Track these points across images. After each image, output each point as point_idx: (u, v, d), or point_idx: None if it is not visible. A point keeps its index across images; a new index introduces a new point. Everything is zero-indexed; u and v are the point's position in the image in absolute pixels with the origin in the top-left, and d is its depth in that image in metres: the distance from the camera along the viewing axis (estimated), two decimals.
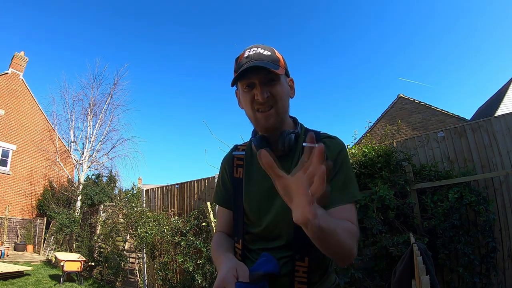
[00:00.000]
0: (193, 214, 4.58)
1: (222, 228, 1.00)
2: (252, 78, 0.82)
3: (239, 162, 0.97)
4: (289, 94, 0.91)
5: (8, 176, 12.62)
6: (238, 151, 1.00)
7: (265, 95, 0.82)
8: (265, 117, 0.84)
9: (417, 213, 2.94)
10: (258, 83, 0.82)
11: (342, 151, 0.86)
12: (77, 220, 9.09)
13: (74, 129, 12.78)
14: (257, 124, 0.87)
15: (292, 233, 0.84)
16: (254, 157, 0.94)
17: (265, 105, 0.83)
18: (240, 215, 0.92)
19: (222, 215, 1.01)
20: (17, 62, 13.61)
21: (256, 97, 0.82)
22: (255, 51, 0.85)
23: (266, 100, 0.82)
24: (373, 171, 3.14)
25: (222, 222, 1.01)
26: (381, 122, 11.44)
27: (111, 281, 6.24)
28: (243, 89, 0.86)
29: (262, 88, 0.82)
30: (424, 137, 3.43)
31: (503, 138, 3.00)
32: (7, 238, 11.57)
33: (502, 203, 2.90)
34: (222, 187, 1.01)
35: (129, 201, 5.76)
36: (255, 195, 0.90)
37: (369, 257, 2.83)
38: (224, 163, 1.02)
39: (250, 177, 0.93)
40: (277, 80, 0.84)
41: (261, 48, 0.86)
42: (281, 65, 0.85)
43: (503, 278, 2.77)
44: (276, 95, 0.83)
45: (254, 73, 0.81)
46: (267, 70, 0.80)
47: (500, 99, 11.73)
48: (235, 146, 1.04)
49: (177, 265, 4.58)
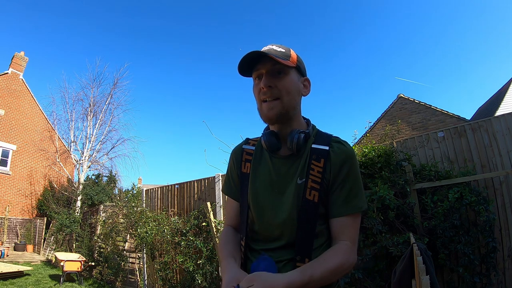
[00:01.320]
0: (193, 214, 4.58)
1: (231, 220, 1.01)
2: (260, 69, 0.84)
3: (248, 157, 0.96)
4: (299, 91, 0.90)
5: (8, 176, 12.62)
6: (248, 145, 1.00)
7: (268, 83, 0.83)
8: (268, 107, 0.85)
9: (417, 213, 2.93)
10: (265, 72, 0.84)
11: (348, 160, 0.85)
12: (77, 220, 9.09)
13: (74, 129, 12.77)
14: (261, 113, 0.88)
15: (294, 234, 0.84)
16: (263, 154, 0.94)
17: (268, 94, 0.84)
18: (245, 211, 0.92)
19: (232, 207, 1.01)
20: (17, 62, 13.60)
21: (261, 86, 0.84)
22: (269, 47, 0.87)
23: (269, 90, 0.83)
24: (373, 171, 3.14)
25: (231, 214, 1.01)
26: (381, 122, 11.43)
27: (111, 281, 6.24)
28: (254, 80, 0.89)
29: (267, 77, 0.83)
30: (424, 137, 3.42)
31: (503, 138, 3.00)
32: (7, 238, 11.57)
33: (502, 203, 2.90)
34: (231, 178, 1.01)
35: (129, 201, 5.75)
36: (259, 193, 0.90)
37: (369, 257, 2.83)
38: (233, 155, 1.02)
39: (256, 174, 0.92)
40: (285, 73, 0.84)
41: (276, 46, 0.87)
42: (292, 60, 0.86)
43: (503, 278, 2.77)
44: (283, 87, 0.84)
45: (262, 63, 0.84)
46: (275, 61, 0.81)
47: (500, 99, 11.73)
48: (247, 139, 1.04)
49: (177, 265, 4.58)
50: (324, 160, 0.85)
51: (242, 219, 0.94)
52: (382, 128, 10.53)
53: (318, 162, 0.85)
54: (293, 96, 0.87)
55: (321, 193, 0.83)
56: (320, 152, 0.86)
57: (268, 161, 0.91)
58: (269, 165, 0.91)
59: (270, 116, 0.85)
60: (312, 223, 0.82)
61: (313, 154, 0.86)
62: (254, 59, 0.84)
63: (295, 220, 0.83)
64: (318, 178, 0.84)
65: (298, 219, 0.83)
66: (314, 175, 0.84)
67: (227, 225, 1.02)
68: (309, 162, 0.85)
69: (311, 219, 0.82)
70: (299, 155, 0.88)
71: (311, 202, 0.82)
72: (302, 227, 0.83)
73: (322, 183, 0.83)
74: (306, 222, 0.83)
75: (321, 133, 0.93)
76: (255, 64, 0.86)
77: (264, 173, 0.91)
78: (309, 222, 0.83)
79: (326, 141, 0.88)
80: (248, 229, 0.92)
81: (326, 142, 0.88)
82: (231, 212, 1.01)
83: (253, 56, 0.83)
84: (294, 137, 0.85)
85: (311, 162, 0.85)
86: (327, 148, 0.86)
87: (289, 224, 0.84)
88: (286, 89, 0.84)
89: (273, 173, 0.89)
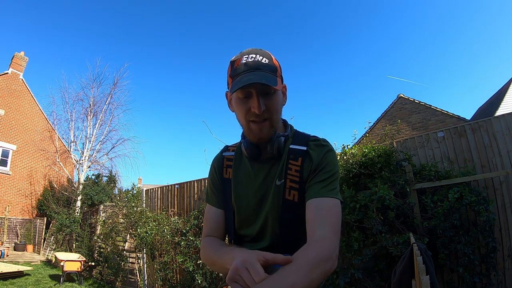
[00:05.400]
0: (193, 214, 4.59)
1: (211, 231, 0.95)
2: (249, 89, 0.81)
3: (228, 163, 0.97)
4: (282, 103, 0.90)
5: (8, 176, 12.62)
6: (228, 151, 1.01)
7: (262, 108, 0.81)
8: (259, 129, 0.84)
9: (417, 213, 2.93)
10: (256, 94, 0.80)
11: (327, 153, 0.86)
12: (77, 220, 9.09)
13: (74, 129, 12.79)
14: (250, 134, 0.86)
15: (278, 235, 0.85)
16: (243, 159, 0.95)
17: (260, 117, 0.82)
18: (231, 215, 0.93)
19: (212, 216, 0.97)
20: (17, 62, 13.61)
21: (252, 109, 0.81)
22: (254, 58, 0.82)
23: (261, 113, 0.81)
24: (373, 171, 3.14)
25: (211, 224, 0.96)
26: (381, 122, 11.43)
27: (111, 281, 6.24)
28: (238, 97, 0.84)
29: (259, 101, 0.80)
30: (424, 137, 3.42)
31: (503, 138, 3.00)
32: (7, 238, 11.57)
33: (502, 203, 2.89)
34: (212, 187, 1.00)
35: (129, 201, 5.75)
36: (242, 197, 0.91)
37: (369, 257, 2.83)
38: (214, 163, 1.03)
39: (238, 178, 0.94)
40: (274, 92, 0.83)
41: (259, 55, 0.83)
42: (278, 75, 0.84)
43: (503, 278, 2.77)
44: (272, 108, 0.83)
45: (252, 84, 0.79)
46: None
47: (500, 99, 11.73)
48: (226, 146, 1.05)
49: (177, 265, 4.58)
50: (301, 158, 0.86)
51: (228, 223, 0.94)
52: (382, 128, 10.53)
53: (295, 161, 0.86)
54: (279, 112, 0.88)
55: (300, 192, 0.84)
56: (298, 152, 0.87)
57: (248, 166, 0.93)
58: (249, 170, 0.92)
59: (263, 137, 0.85)
60: (295, 222, 0.84)
61: (291, 154, 0.87)
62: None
63: (277, 221, 0.85)
64: (296, 177, 0.85)
65: (280, 220, 0.84)
66: (292, 174, 0.85)
67: (206, 235, 0.95)
68: (287, 163, 0.87)
69: (293, 219, 0.84)
70: (279, 158, 0.89)
71: (291, 202, 0.84)
72: (285, 228, 0.84)
73: (300, 182, 0.84)
74: (289, 222, 0.84)
75: (298, 133, 0.94)
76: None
77: (245, 178, 0.92)
78: (291, 222, 0.84)
79: (303, 141, 0.90)
80: (234, 232, 0.93)
81: (304, 142, 0.89)
82: (210, 222, 0.96)
83: (249, 82, 0.77)
84: (275, 142, 0.85)
85: (289, 162, 0.86)
86: (305, 148, 0.87)
87: (272, 225, 0.86)
88: (275, 109, 0.84)
89: (253, 177, 0.91)
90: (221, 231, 0.95)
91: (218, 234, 0.94)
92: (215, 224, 0.95)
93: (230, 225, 0.93)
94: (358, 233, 2.97)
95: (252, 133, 0.86)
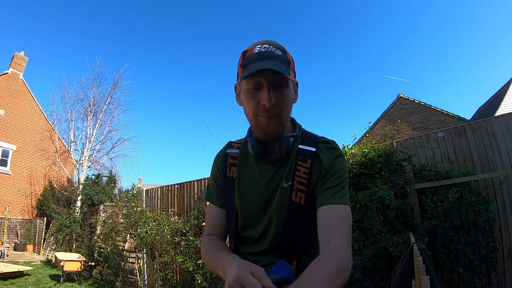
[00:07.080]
0: (193, 214, 4.59)
1: (212, 229, 0.93)
2: (260, 78, 0.76)
3: (232, 161, 0.93)
4: (293, 100, 0.86)
5: (8, 176, 12.61)
6: (232, 148, 0.95)
7: (273, 101, 0.76)
8: (267, 124, 0.79)
9: (417, 213, 2.93)
10: (266, 85, 0.76)
11: (337, 157, 0.83)
12: (77, 220, 9.09)
13: (74, 129, 12.79)
14: (257, 128, 0.82)
15: (281, 237, 0.83)
16: (248, 157, 0.91)
17: (269, 112, 0.78)
18: (233, 215, 0.90)
19: (212, 216, 0.94)
20: (17, 62, 13.60)
21: (262, 101, 0.76)
22: (267, 48, 0.77)
23: (271, 107, 0.77)
24: (373, 171, 3.14)
25: (212, 223, 0.94)
26: (381, 122, 11.43)
27: (111, 281, 6.24)
28: (248, 88, 0.79)
29: (270, 93, 0.76)
30: (424, 137, 3.42)
31: (503, 138, 3.00)
32: (7, 238, 11.56)
33: (502, 203, 2.90)
34: (214, 185, 0.96)
35: (129, 201, 5.75)
36: (247, 198, 0.88)
37: (369, 257, 2.83)
38: (217, 160, 0.97)
39: (242, 178, 0.90)
40: (286, 85, 0.78)
41: (273, 46, 0.78)
42: (291, 68, 0.79)
43: (503, 278, 2.77)
44: (282, 103, 0.79)
45: (263, 73, 0.74)
46: (277, 72, 0.73)
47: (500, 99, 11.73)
48: (229, 143, 0.99)
49: (177, 265, 4.58)
50: (310, 161, 0.82)
51: (229, 223, 0.91)
52: (382, 128, 10.53)
53: (304, 163, 0.83)
54: (290, 108, 0.83)
55: (307, 194, 0.81)
56: (307, 153, 0.84)
57: (254, 166, 0.88)
58: (254, 170, 0.88)
59: (270, 133, 0.81)
60: (299, 225, 0.81)
61: (300, 155, 0.84)
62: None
63: (281, 223, 0.82)
64: (304, 179, 0.82)
65: (285, 222, 0.82)
66: (300, 176, 0.82)
67: (207, 234, 0.93)
68: (295, 164, 0.83)
69: (298, 222, 0.81)
70: (286, 159, 0.85)
71: (297, 205, 0.81)
72: (289, 230, 0.81)
73: (308, 184, 0.81)
74: (293, 225, 0.81)
75: (307, 133, 0.90)
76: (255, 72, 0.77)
77: (250, 178, 0.88)
78: (296, 224, 0.81)
79: (313, 142, 0.86)
80: (236, 232, 0.90)
81: (313, 143, 0.86)
82: (212, 221, 0.94)
83: (261, 68, 0.73)
84: (284, 142, 0.81)
85: (297, 163, 0.83)
86: (314, 149, 0.84)
87: (276, 227, 0.83)
88: (285, 104, 0.80)
89: (258, 178, 0.87)
90: (222, 230, 0.93)
91: (218, 233, 0.93)
92: (215, 223, 0.93)
93: (231, 225, 0.91)
94: (358, 233, 2.97)
95: (259, 127, 0.81)
